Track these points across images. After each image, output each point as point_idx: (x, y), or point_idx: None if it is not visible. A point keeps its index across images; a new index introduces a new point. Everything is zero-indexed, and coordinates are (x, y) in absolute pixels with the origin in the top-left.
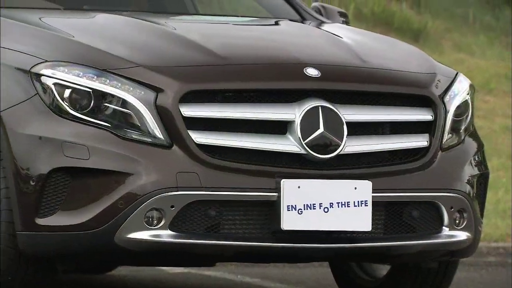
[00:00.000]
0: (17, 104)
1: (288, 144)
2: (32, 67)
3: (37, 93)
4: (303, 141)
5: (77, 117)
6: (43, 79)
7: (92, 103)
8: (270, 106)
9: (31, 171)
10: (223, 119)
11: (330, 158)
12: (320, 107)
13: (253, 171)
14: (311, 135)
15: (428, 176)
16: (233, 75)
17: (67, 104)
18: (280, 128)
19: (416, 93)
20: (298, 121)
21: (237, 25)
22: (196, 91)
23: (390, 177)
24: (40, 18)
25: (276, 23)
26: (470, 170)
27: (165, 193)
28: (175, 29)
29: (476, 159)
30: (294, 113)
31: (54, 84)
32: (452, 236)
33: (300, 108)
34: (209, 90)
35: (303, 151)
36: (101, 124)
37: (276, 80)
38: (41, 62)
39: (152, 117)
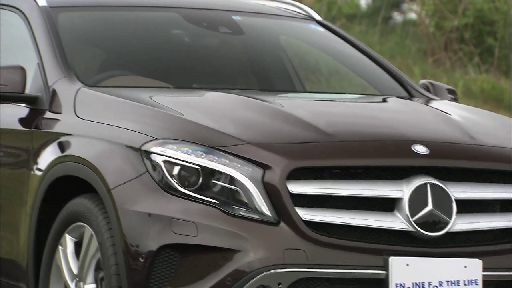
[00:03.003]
0: (127, 182)
1: (396, 222)
2: (142, 145)
3: (147, 171)
4: (412, 218)
5: (186, 194)
6: (152, 156)
7: (201, 180)
8: (378, 183)
9: (141, 247)
10: (330, 196)
11: (439, 236)
12: (428, 184)
13: (360, 248)
14: (419, 212)
15: None
16: (340, 152)
17: (176, 181)
18: (387, 205)
19: None
20: (406, 198)
21: (344, 102)
22: (303, 168)
23: (501, 255)
24: (150, 97)
25: (384, 100)
26: None
27: (272, 270)
28: (282, 106)
29: None
30: (402, 190)
31: (164, 161)
32: None
33: (408, 185)
34: (316, 167)
35: (411, 229)
36: (209, 201)
37: (384, 157)
38: (151, 140)
39: (259, 194)
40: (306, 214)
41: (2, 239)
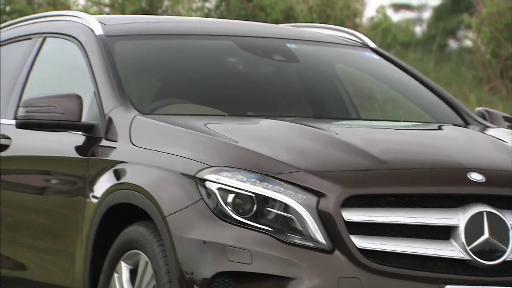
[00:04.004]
0: (182, 209)
1: (452, 250)
2: (197, 172)
3: (202, 198)
4: (468, 247)
5: (240, 221)
6: (207, 184)
7: (255, 208)
8: (433, 211)
9: (195, 275)
10: (385, 223)
11: (496, 264)
12: (484, 213)
13: (416, 276)
14: (475, 241)
15: None
16: (395, 180)
17: (230, 208)
18: (443, 233)
19: None
20: (462, 227)
21: (399, 130)
22: (357, 196)
23: None
24: (205, 124)
25: (439, 128)
26: None
27: None
28: (337, 133)
29: None
30: (458, 219)
31: (218, 189)
32: None
33: (464, 213)
34: (370, 194)
35: (467, 257)
36: (264, 229)
37: (439, 184)
38: (206, 168)
39: (314, 222)
40: (361, 242)
41: (58, 266)
